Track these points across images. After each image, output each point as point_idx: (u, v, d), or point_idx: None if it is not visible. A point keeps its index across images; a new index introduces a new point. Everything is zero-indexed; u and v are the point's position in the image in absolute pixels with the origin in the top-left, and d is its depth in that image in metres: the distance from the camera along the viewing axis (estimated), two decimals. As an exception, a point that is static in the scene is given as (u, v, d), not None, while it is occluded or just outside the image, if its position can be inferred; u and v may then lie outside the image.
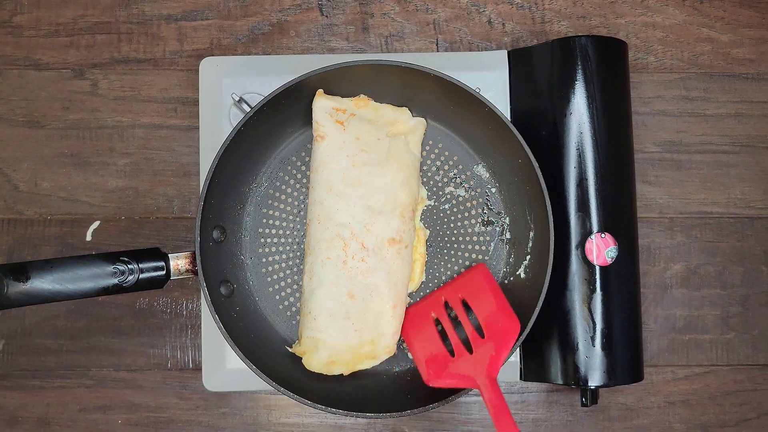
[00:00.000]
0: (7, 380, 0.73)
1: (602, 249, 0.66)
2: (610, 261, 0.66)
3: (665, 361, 0.75)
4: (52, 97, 0.75)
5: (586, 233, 0.66)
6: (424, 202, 0.70)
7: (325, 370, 0.65)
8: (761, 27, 0.77)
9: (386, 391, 0.67)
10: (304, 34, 0.76)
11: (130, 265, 0.61)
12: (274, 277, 0.69)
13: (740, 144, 0.76)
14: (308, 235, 0.67)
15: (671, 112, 0.76)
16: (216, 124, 0.72)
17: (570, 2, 0.77)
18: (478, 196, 0.70)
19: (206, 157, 0.70)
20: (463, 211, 0.70)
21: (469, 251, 0.70)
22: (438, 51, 0.76)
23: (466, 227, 0.70)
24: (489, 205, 0.70)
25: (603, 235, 0.66)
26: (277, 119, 0.67)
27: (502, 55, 0.73)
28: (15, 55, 0.76)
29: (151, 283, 0.62)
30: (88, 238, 0.74)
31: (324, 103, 0.67)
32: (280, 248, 0.70)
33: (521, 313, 0.64)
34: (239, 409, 0.73)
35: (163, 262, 0.62)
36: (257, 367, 0.62)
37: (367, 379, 0.67)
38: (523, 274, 0.68)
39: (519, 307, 0.64)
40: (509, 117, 0.72)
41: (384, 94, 0.68)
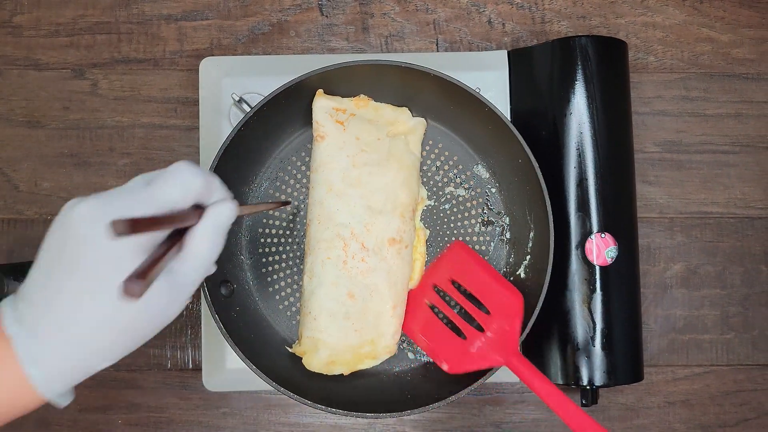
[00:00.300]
0: (7, 380, 0.73)
1: (602, 249, 0.66)
2: (610, 261, 0.66)
3: (665, 361, 0.75)
4: (52, 97, 0.75)
5: (586, 233, 0.66)
6: (424, 202, 0.70)
7: (325, 370, 0.65)
8: (761, 27, 0.77)
9: (386, 391, 0.67)
10: (304, 34, 0.76)
11: (130, 265, 0.60)
12: (274, 277, 0.69)
13: (740, 144, 0.76)
14: (308, 235, 0.67)
15: (671, 112, 0.76)
16: (216, 124, 0.72)
17: (570, 2, 0.77)
18: (478, 196, 0.70)
19: (206, 157, 0.70)
20: (463, 211, 0.70)
21: (469, 251, 0.70)
22: (438, 51, 0.76)
23: (466, 227, 0.70)
24: (489, 205, 0.70)
25: (603, 235, 0.66)
26: (277, 119, 0.67)
27: (502, 55, 0.73)
28: (15, 55, 0.75)
29: (151, 283, 0.62)
30: (88, 238, 0.74)
31: (324, 103, 0.67)
32: (280, 248, 0.69)
33: (521, 313, 0.64)
34: (239, 409, 0.73)
35: (163, 262, 0.62)
36: (257, 367, 0.62)
37: (367, 379, 0.67)
38: (523, 274, 0.68)
39: (519, 307, 0.64)
40: (509, 117, 0.72)
41: (384, 94, 0.68)
